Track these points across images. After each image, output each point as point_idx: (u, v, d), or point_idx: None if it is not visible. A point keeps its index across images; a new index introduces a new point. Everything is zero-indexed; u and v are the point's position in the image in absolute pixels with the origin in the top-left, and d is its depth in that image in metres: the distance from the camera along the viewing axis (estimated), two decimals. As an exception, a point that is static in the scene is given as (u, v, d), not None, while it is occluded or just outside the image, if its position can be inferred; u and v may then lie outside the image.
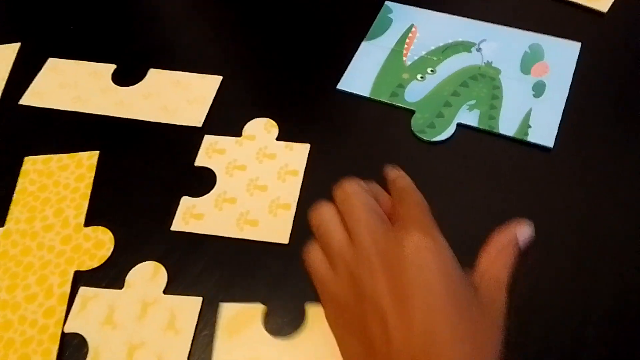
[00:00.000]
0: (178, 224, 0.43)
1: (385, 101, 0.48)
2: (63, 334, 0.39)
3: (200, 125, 0.49)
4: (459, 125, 0.46)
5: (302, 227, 0.41)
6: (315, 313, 0.38)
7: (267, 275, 0.41)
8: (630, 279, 0.38)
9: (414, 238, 0.31)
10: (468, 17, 0.53)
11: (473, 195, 0.43)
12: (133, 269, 0.42)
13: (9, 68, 0.56)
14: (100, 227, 0.44)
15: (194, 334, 0.39)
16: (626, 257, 0.39)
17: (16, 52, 0.57)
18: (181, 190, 0.45)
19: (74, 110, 0.52)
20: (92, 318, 0.40)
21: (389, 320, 0.29)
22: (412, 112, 0.47)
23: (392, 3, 0.55)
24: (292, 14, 0.57)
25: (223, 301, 0.40)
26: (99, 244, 0.43)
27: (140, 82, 0.53)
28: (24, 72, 0.56)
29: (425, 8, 0.54)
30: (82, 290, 0.41)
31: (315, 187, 0.43)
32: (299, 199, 0.44)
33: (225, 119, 0.49)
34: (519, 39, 0.51)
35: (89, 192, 0.46)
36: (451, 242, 0.41)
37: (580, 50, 0.49)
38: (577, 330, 0.37)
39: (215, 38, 0.56)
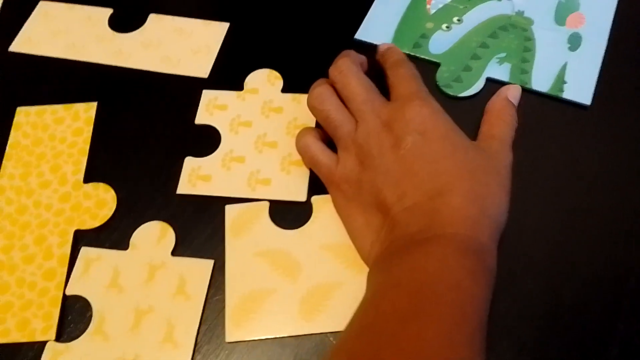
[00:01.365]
0: (184, 187, 0.40)
1: (408, 52, 0.45)
2: (65, 297, 0.37)
3: (206, 76, 0.46)
4: (488, 79, 0.43)
5: (318, 184, 0.39)
6: (320, 203, 0.39)
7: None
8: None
9: (415, 105, 0.35)
10: (497, -38, 0.49)
11: (503, 155, 0.40)
12: (138, 229, 0.39)
13: (-4, 12, 0.52)
14: (101, 184, 0.41)
15: (206, 298, 0.36)
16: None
17: (3, -6, 0.53)
18: (185, 149, 0.42)
19: (67, 58, 0.48)
20: (96, 281, 0.37)
21: (398, 178, 0.33)
22: (437, 64, 0.44)
23: (414, -54, 0.51)
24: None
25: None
26: (101, 202, 0.40)
27: (140, 29, 0.49)
28: (13, 16, 0.51)
29: (450, -48, 0.50)
30: (84, 251, 0.38)
31: (330, 141, 0.40)
32: None
33: (228, 70, 0.46)
34: (552, -13, 0.47)
35: (87, 147, 0.43)
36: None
37: (618, 1, 0.46)
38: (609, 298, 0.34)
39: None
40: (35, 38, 0.49)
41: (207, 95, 0.44)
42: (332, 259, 0.36)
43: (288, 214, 0.39)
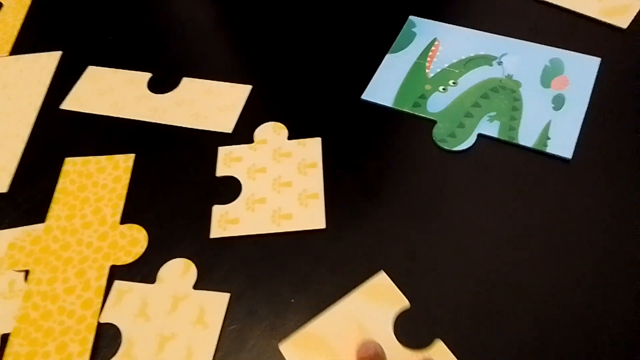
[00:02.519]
0: (216, 231, 0.45)
1: (408, 111, 0.50)
2: (99, 325, 0.42)
3: (230, 131, 0.52)
4: (480, 135, 0.48)
5: (334, 211, 0.45)
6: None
7: (293, 272, 0.43)
8: (647, 287, 0.39)
9: None
10: (490, 31, 0.55)
11: (492, 203, 0.44)
12: (164, 265, 0.44)
13: (51, 75, 0.60)
14: (135, 225, 0.46)
15: (222, 328, 0.41)
16: (643, 266, 0.40)
17: (58, 60, 0.61)
18: (210, 196, 0.47)
19: (110, 115, 0.55)
20: (127, 310, 0.42)
21: None
22: (434, 122, 0.49)
23: (416, 18, 0.57)
24: (319, 26, 0.59)
25: (247, 297, 0.42)
26: (134, 241, 0.46)
27: (174, 90, 0.56)
28: (65, 79, 0.59)
29: (448, 23, 0.56)
30: (117, 284, 0.44)
31: (336, 175, 0.47)
32: (324, 187, 0.46)
33: (240, 127, 0.52)
34: (539, 53, 0.52)
35: (125, 192, 0.49)
36: (469, 248, 0.42)
37: (600, 65, 0.51)
38: (594, 337, 0.38)
39: (244, 48, 0.59)
40: (84, 97, 0.57)
41: (222, 150, 0.50)
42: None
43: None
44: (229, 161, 0.50)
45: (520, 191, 0.44)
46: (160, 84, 0.57)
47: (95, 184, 0.50)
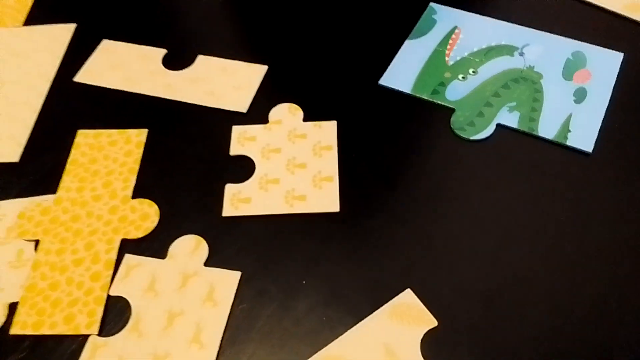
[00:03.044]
0: (228, 210, 0.45)
1: (427, 98, 0.49)
2: (108, 297, 0.41)
3: (245, 111, 0.51)
4: (499, 125, 0.47)
5: (348, 195, 0.44)
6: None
7: (304, 254, 0.42)
8: (664, 284, 0.39)
9: None
10: (512, 22, 0.54)
11: (509, 194, 0.44)
12: (175, 241, 0.43)
13: (65, 47, 0.59)
14: (146, 200, 0.46)
15: (232, 306, 0.40)
16: (660, 263, 0.39)
17: (72, 32, 0.60)
18: (223, 175, 0.47)
19: (124, 89, 0.54)
20: (136, 284, 0.42)
21: None
22: (453, 110, 0.48)
23: (437, 5, 0.56)
24: (338, 10, 0.58)
25: (258, 277, 0.41)
26: (145, 215, 0.45)
27: (189, 67, 0.55)
28: (79, 51, 0.58)
29: (469, 11, 0.55)
30: (127, 258, 0.43)
31: (351, 159, 0.46)
32: (339, 171, 0.46)
33: (254, 106, 0.51)
34: (562, 46, 0.51)
35: (137, 167, 0.48)
36: (485, 238, 0.42)
37: (623, 60, 0.50)
38: (611, 331, 0.37)
39: (261, 29, 0.58)
40: (97, 71, 0.56)
41: (236, 129, 0.50)
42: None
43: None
44: (243, 140, 0.49)
45: (538, 183, 0.44)
46: (175, 61, 0.56)
47: (106, 157, 0.49)
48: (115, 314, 0.41)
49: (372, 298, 0.40)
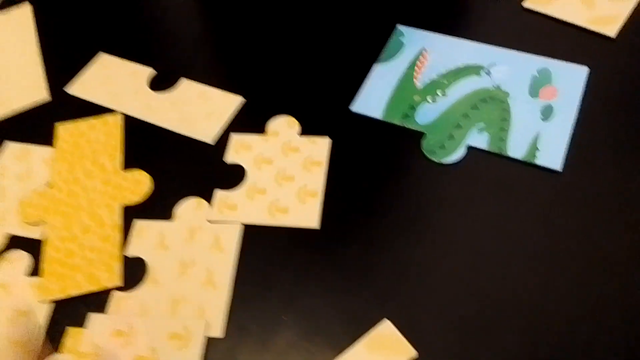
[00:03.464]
0: (214, 215, 0.47)
1: (398, 124, 0.50)
2: (125, 258, 0.45)
3: (212, 143, 0.51)
4: (469, 147, 0.48)
5: (330, 212, 0.46)
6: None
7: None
8: (639, 300, 0.39)
9: None
10: (478, 41, 0.55)
11: (482, 216, 0.44)
12: (179, 203, 0.47)
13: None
14: (136, 169, 0.50)
15: (239, 253, 0.44)
16: (635, 279, 0.40)
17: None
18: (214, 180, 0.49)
19: (107, 106, 0.56)
20: (148, 243, 0.46)
21: None
22: (423, 134, 0.49)
23: (404, 27, 0.57)
24: (306, 34, 0.59)
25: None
26: (137, 182, 0.49)
27: (170, 90, 0.56)
28: (75, 62, 0.60)
29: (436, 32, 0.56)
30: (136, 222, 0.47)
31: (339, 176, 0.48)
32: (325, 187, 0.47)
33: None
34: (527, 63, 0.52)
35: (119, 144, 0.52)
36: (459, 262, 0.42)
37: (588, 75, 0.51)
38: (587, 352, 0.38)
39: (237, 56, 0.58)
40: (88, 85, 0.58)
41: (234, 137, 0.51)
42: None
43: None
44: (240, 148, 0.50)
45: (510, 203, 0.44)
46: (161, 81, 0.57)
47: (89, 140, 0.53)
48: (134, 271, 0.44)
49: (350, 330, 0.40)
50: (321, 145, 0.50)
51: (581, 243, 0.42)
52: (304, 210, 0.46)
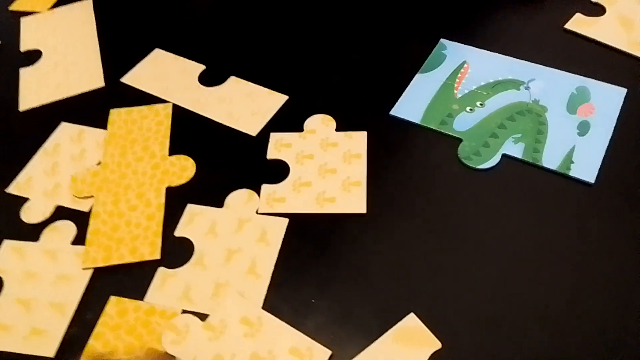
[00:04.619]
0: (264, 207, 0.49)
1: (435, 128, 0.52)
2: (174, 237, 0.48)
3: (254, 134, 0.54)
4: (504, 155, 0.49)
5: (374, 199, 0.48)
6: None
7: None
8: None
9: None
10: (518, 57, 0.56)
11: (513, 223, 0.45)
12: (231, 193, 0.49)
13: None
14: (182, 155, 0.53)
15: (281, 246, 0.46)
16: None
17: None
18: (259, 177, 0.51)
19: (159, 96, 0.59)
20: (198, 228, 0.48)
21: None
22: (460, 140, 0.50)
23: (447, 41, 0.59)
24: (355, 44, 0.61)
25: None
26: (183, 167, 0.52)
27: (219, 86, 0.59)
28: (132, 56, 0.64)
29: (478, 47, 0.58)
30: (189, 207, 0.49)
31: (379, 167, 0.50)
32: (367, 176, 0.49)
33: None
34: (566, 80, 0.54)
35: (168, 132, 0.55)
36: (489, 264, 0.43)
37: (626, 96, 0.52)
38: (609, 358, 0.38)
39: (285, 58, 0.61)
40: (142, 76, 0.61)
41: (274, 136, 0.54)
42: None
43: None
44: (280, 146, 0.53)
45: (542, 212, 0.45)
46: (210, 78, 0.60)
47: (140, 127, 0.56)
48: (181, 252, 0.46)
49: (377, 319, 0.41)
50: (358, 139, 0.52)
51: (609, 253, 0.43)
52: (350, 198, 0.48)
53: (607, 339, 0.39)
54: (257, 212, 0.48)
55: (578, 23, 0.58)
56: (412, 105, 0.54)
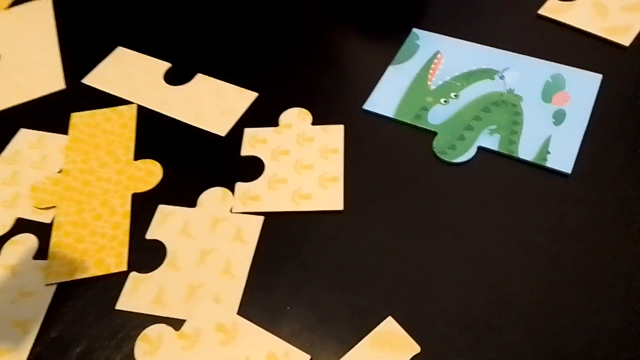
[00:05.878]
0: (238, 207, 0.47)
1: (409, 122, 0.50)
2: (144, 240, 0.46)
3: (223, 135, 0.52)
4: (480, 148, 0.48)
5: (351, 195, 0.46)
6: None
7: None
8: (644, 304, 0.39)
9: None
10: (492, 46, 0.55)
11: (490, 217, 0.44)
12: (204, 192, 0.48)
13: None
14: (149, 159, 0.51)
15: (257, 245, 0.44)
16: (638, 281, 0.40)
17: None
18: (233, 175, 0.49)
19: (123, 98, 0.56)
20: (170, 228, 0.46)
21: None
22: (435, 133, 0.49)
23: (419, 30, 0.58)
24: (323, 35, 0.59)
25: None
26: (150, 172, 0.50)
27: (186, 84, 0.57)
28: (93, 55, 0.61)
29: (451, 36, 0.56)
30: (161, 207, 0.48)
31: (357, 161, 0.48)
32: (344, 172, 0.48)
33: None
34: (541, 69, 0.52)
35: (133, 135, 0.53)
36: (465, 261, 0.42)
37: (602, 82, 0.51)
38: (587, 352, 0.37)
39: (252, 54, 0.59)
40: (105, 76, 0.59)
41: (248, 132, 0.52)
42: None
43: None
44: (254, 142, 0.51)
45: (518, 204, 0.44)
46: (176, 76, 0.58)
47: (104, 131, 0.53)
48: (153, 255, 0.45)
49: (354, 324, 0.40)
50: (335, 133, 0.50)
51: (587, 245, 0.42)
52: (327, 194, 0.46)
53: (585, 335, 0.38)
54: (231, 211, 0.46)
55: (552, 8, 0.57)
56: (385, 98, 0.52)
